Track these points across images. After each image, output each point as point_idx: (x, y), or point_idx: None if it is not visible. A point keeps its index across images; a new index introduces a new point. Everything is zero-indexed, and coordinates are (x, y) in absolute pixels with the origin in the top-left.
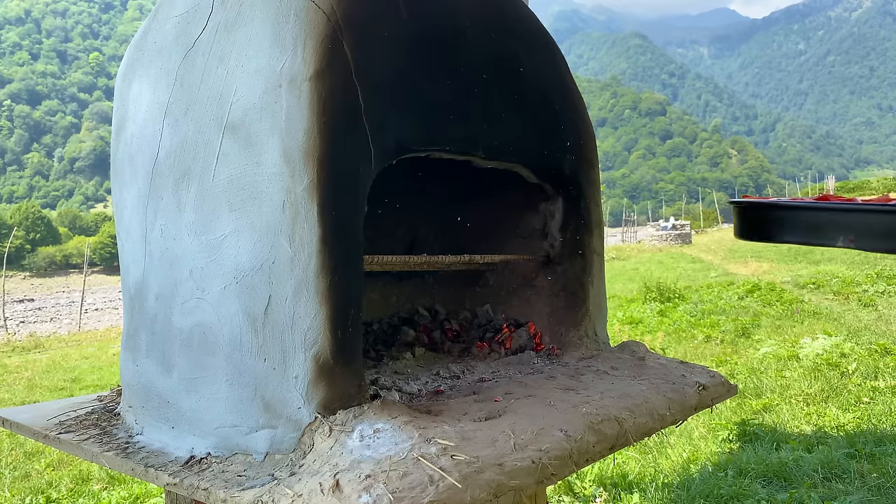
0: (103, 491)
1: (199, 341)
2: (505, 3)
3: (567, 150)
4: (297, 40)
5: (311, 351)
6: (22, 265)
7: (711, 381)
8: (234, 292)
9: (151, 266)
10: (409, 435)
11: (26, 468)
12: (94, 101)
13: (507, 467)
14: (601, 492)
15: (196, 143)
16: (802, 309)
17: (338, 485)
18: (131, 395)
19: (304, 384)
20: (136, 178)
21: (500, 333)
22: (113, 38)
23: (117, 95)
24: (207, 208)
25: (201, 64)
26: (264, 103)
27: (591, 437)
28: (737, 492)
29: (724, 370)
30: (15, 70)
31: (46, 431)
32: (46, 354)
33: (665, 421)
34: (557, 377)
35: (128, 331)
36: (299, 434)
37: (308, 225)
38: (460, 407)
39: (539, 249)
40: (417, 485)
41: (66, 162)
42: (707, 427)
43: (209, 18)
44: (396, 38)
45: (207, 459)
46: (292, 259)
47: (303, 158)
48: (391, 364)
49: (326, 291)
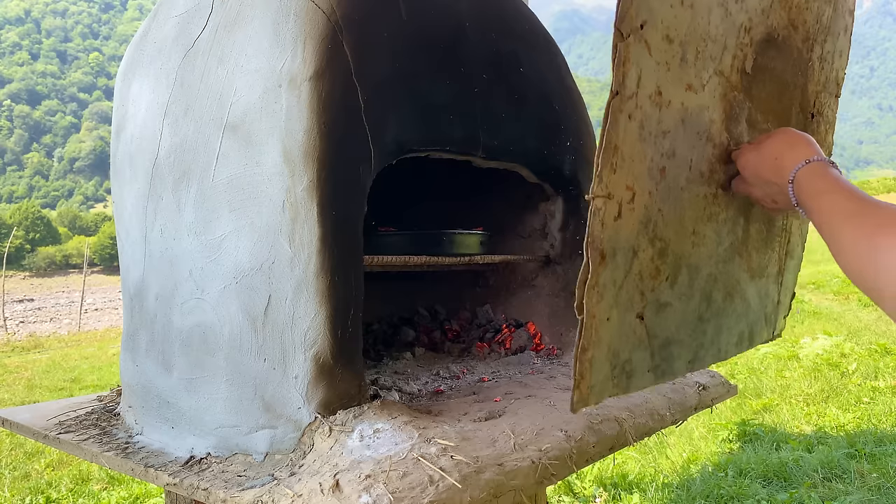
0: (103, 491)
1: (198, 341)
2: (505, 3)
3: (567, 150)
4: (296, 40)
5: (311, 351)
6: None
7: (711, 381)
8: (233, 292)
9: (151, 266)
10: (409, 435)
11: (26, 468)
12: (94, 101)
13: (507, 467)
14: (601, 492)
15: (196, 142)
16: (803, 309)
17: (338, 485)
18: (131, 395)
19: (303, 384)
20: (136, 178)
21: (500, 333)
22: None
23: (117, 95)
24: (207, 208)
25: (201, 64)
26: (264, 103)
27: (591, 438)
28: (737, 492)
29: (724, 370)
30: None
31: (46, 431)
32: (46, 354)
33: (665, 421)
34: (557, 377)
35: (128, 331)
36: (299, 434)
37: (308, 225)
38: (460, 407)
39: (539, 249)
40: (417, 485)
41: (66, 162)
42: (707, 427)
43: (209, 18)
44: (396, 38)
45: (207, 459)
46: (292, 259)
47: (303, 158)
48: (391, 364)
49: (326, 291)
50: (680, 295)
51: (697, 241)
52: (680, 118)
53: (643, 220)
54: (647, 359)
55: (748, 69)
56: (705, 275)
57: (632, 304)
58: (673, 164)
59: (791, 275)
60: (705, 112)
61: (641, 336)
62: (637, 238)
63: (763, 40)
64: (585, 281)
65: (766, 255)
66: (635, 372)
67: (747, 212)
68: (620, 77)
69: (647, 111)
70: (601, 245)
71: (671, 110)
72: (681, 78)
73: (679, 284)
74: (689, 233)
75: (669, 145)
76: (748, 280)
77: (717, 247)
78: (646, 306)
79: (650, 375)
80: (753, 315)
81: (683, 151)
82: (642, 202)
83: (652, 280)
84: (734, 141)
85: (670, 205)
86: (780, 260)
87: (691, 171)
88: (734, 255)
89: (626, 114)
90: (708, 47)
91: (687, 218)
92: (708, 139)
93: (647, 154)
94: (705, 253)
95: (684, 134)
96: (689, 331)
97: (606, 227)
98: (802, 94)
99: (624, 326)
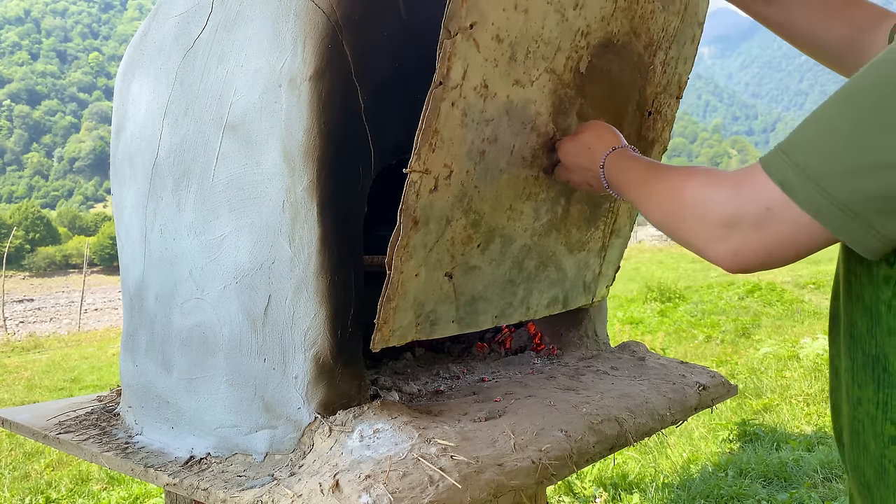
0: (103, 491)
1: (198, 341)
2: None
3: None
4: (296, 40)
5: (311, 351)
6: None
7: (711, 381)
8: (233, 292)
9: (151, 266)
10: (408, 435)
11: (26, 468)
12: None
13: (507, 467)
14: (601, 492)
15: (196, 142)
16: (803, 309)
17: (338, 485)
18: (131, 395)
19: (303, 384)
20: (136, 177)
21: (500, 333)
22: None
23: (117, 95)
24: (207, 208)
25: (201, 64)
26: (264, 103)
27: (591, 438)
28: (737, 492)
29: (725, 370)
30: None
31: (46, 431)
32: (46, 354)
33: (665, 421)
34: (557, 377)
35: (127, 331)
36: (299, 434)
37: (308, 225)
38: (460, 407)
39: None
40: (417, 485)
41: (66, 162)
42: (707, 427)
43: (209, 18)
44: (396, 38)
45: (207, 459)
46: (292, 259)
47: (303, 158)
48: (391, 364)
49: (326, 291)
50: (490, 260)
51: (514, 216)
52: (505, 109)
53: (458, 195)
54: (453, 311)
55: (582, 69)
56: (519, 245)
57: (440, 264)
58: (493, 149)
59: (616, 251)
60: (532, 105)
61: (448, 292)
62: (452, 209)
63: (601, 44)
64: (396, 242)
65: (588, 232)
66: (439, 321)
67: (569, 194)
68: (445, 70)
69: (472, 101)
70: (414, 213)
71: (496, 101)
72: (509, 73)
73: (490, 251)
74: (506, 208)
75: (492, 132)
76: (565, 252)
77: (533, 222)
78: (455, 267)
79: (454, 325)
80: (570, 283)
81: (506, 138)
82: (459, 179)
83: (463, 245)
84: (561, 132)
85: (488, 183)
86: (604, 237)
87: (513, 156)
88: (551, 230)
89: (448, 101)
90: (540, 48)
91: (504, 196)
92: (533, 129)
93: (468, 138)
94: (521, 226)
95: (508, 123)
96: (497, 291)
97: (421, 198)
98: (640, 94)
99: (431, 282)
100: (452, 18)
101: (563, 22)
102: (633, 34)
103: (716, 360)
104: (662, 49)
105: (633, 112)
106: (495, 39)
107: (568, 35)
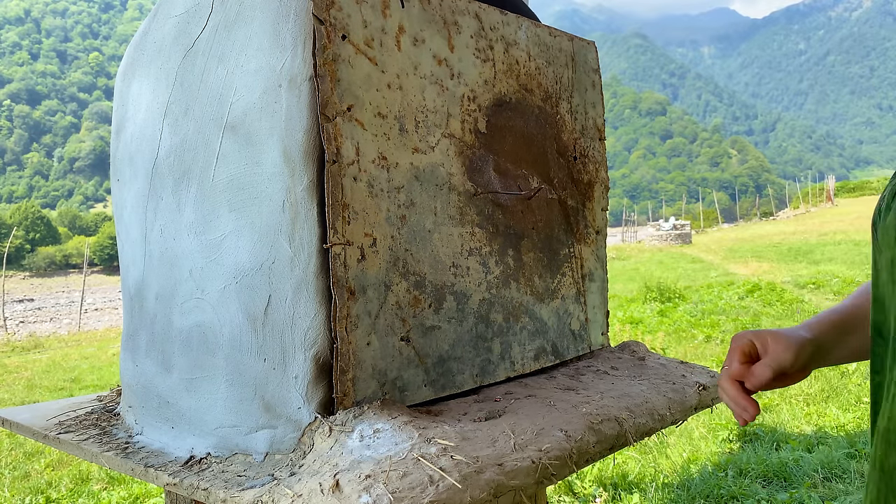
0: (103, 491)
1: (198, 341)
2: (505, 3)
3: None
4: (296, 40)
5: (311, 351)
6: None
7: (712, 381)
8: (233, 292)
9: (151, 266)
10: (409, 435)
11: (26, 468)
12: (94, 101)
13: (507, 467)
14: (601, 492)
15: (196, 142)
16: (802, 309)
17: (338, 485)
18: (131, 395)
19: (303, 384)
20: (136, 177)
21: None
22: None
23: (117, 95)
24: (207, 208)
25: (201, 64)
26: (264, 103)
27: (591, 438)
28: (737, 492)
29: None
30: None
31: (46, 431)
32: (46, 354)
33: (665, 421)
34: (557, 377)
35: (127, 331)
36: (299, 434)
37: (308, 225)
38: (460, 407)
39: None
40: (417, 485)
41: (66, 162)
42: (707, 427)
43: (209, 18)
44: None
45: (207, 459)
46: (292, 259)
47: (303, 158)
48: None
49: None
50: (449, 318)
51: (460, 272)
52: (413, 175)
53: (390, 260)
54: (422, 374)
55: (482, 129)
56: (477, 300)
57: (392, 330)
58: (413, 212)
59: (595, 295)
60: (440, 168)
61: (410, 356)
62: (387, 274)
63: (494, 104)
64: (336, 314)
65: (554, 280)
66: (408, 387)
67: (517, 243)
68: (334, 150)
69: (374, 173)
70: (348, 283)
71: (401, 170)
72: (404, 144)
73: (446, 310)
74: (448, 266)
75: (406, 197)
76: (535, 302)
77: (485, 275)
78: (409, 330)
79: (427, 389)
80: (554, 333)
81: (424, 201)
82: (386, 245)
83: (412, 308)
84: (483, 187)
85: (419, 245)
86: (576, 283)
87: (437, 217)
88: (510, 281)
89: (350, 177)
90: (429, 117)
91: (442, 254)
92: (451, 189)
93: (383, 206)
94: (472, 282)
95: (421, 187)
96: (468, 348)
97: (350, 268)
98: (557, 142)
99: (387, 349)
100: (327, 105)
101: (444, 92)
102: (524, 91)
103: (716, 360)
104: (564, 99)
105: (556, 159)
106: (378, 116)
107: (454, 101)
